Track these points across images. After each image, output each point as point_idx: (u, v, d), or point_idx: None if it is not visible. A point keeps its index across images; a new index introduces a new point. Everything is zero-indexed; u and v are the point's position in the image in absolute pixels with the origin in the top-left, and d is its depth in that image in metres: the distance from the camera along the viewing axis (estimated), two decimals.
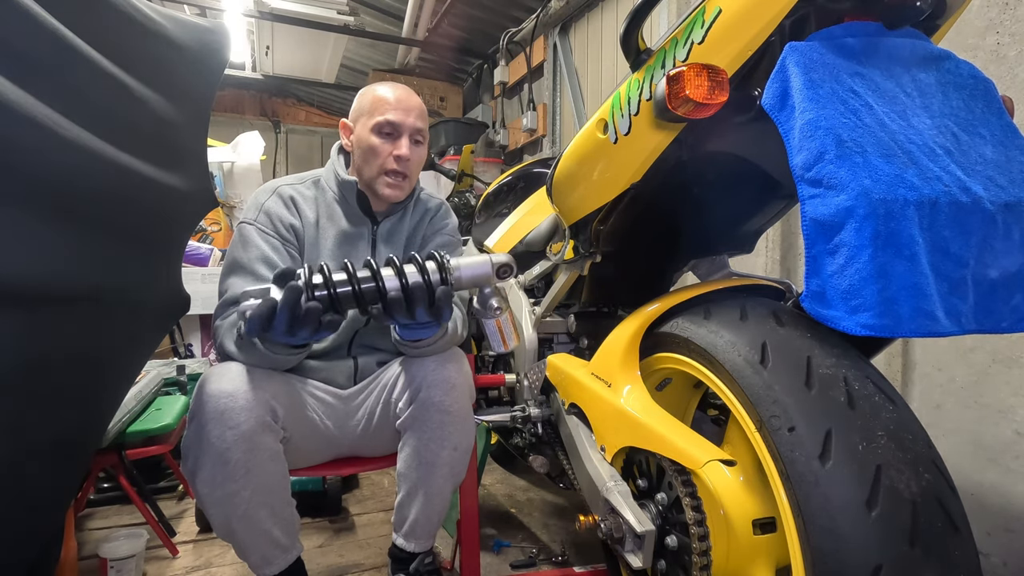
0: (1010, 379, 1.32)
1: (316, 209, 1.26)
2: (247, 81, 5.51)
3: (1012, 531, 1.31)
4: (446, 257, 0.92)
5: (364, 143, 1.23)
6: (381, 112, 1.22)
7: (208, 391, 0.99)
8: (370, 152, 1.22)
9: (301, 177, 1.31)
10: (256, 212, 1.20)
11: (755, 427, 0.75)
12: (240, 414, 0.98)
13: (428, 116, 1.30)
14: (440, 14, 3.93)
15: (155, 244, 0.93)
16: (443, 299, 0.90)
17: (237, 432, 0.97)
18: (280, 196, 1.23)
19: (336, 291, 0.86)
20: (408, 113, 1.23)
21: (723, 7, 0.78)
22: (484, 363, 1.78)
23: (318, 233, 1.24)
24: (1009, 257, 0.71)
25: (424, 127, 1.26)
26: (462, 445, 1.15)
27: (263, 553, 1.07)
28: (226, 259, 1.18)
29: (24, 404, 0.70)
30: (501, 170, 3.14)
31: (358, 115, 1.26)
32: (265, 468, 1.02)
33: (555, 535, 1.72)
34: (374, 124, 1.21)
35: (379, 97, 1.23)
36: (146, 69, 0.83)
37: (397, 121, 1.21)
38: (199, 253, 2.84)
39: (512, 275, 0.95)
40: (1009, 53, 1.34)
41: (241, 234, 1.18)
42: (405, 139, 1.22)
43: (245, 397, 0.99)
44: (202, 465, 0.98)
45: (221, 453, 0.97)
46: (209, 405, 0.98)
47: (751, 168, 0.99)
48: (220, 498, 1.00)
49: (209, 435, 0.97)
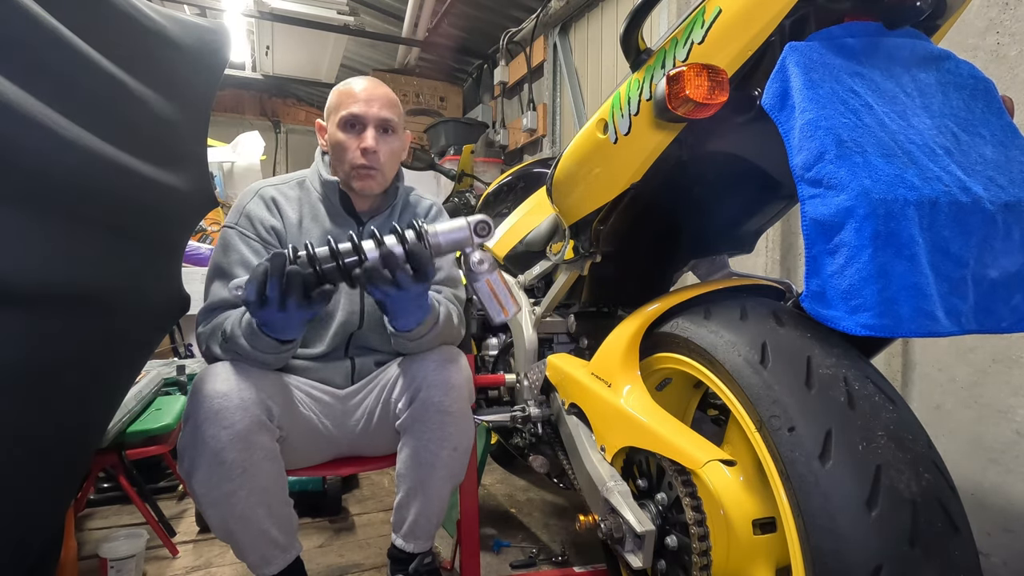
0: (1010, 379, 1.32)
1: (299, 209, 1.26)
2: (247, 81, 5.50)
3: (1012, 531, 1.31)
4: (423, 225, 0.94)
5: (333, 140, 1.23)
6: (345, 106, 1.21)
7: (202, 391, 1.00)
8: (339, 148, 1.22)
9: (286, 178, 1.30)
10: (237, 216, 1.20)
11: (755, 427, 0.75)
12: (235, 413, 0.98)
13: (399, 105, 1.27)
14: (440, 14, 3.93)
15: (155, 244, 0.93)
16: (422, 259, 0.93)
17: (232, 432, 0.97)
18: (261, 198, 1.23)
19: (317, 258, 0.91)
20: (371, 104, 1.20)
21: (723, 7, 0.78)
22: (484, 363, 1.78)
23: (301, 233, 1.24)
24: (1009, 257, 0.71)
25: (392, 117, 1.23)
26: (461, 446, 1.15)
27: (262, 553, 1.07)
28: (209, 264, 1.18)
29: (24, 404, 0.70)
30: (501, 170, 3.14)
31: (327, 113, 1.26)
32: (261, 468, 1.02)
33: (555, 535, 1.72)
34: (339, 119, 1.21)
35: (343, 92, 1.23)
36: (146, 69, 0.83)
37: (360, 112, 1.20)
38: (199, 253, 2.84)
39: (490, 232, 0.95)
40: (1009, 53, 1.34)
41: (223, 238, 1.18)
42: (370, 131, 1.20)
43: (239, 396, 0.99)
44: (198, 465, 0.98)
45: (217, 453, 0.97)
46: (204, 405, 0.98)
47: (751, 168, 0.99)
48: (217, 498, 1.00)
49: (204, 435, 0.97)
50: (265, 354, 1.05)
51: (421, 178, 3.10)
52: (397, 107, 1.25)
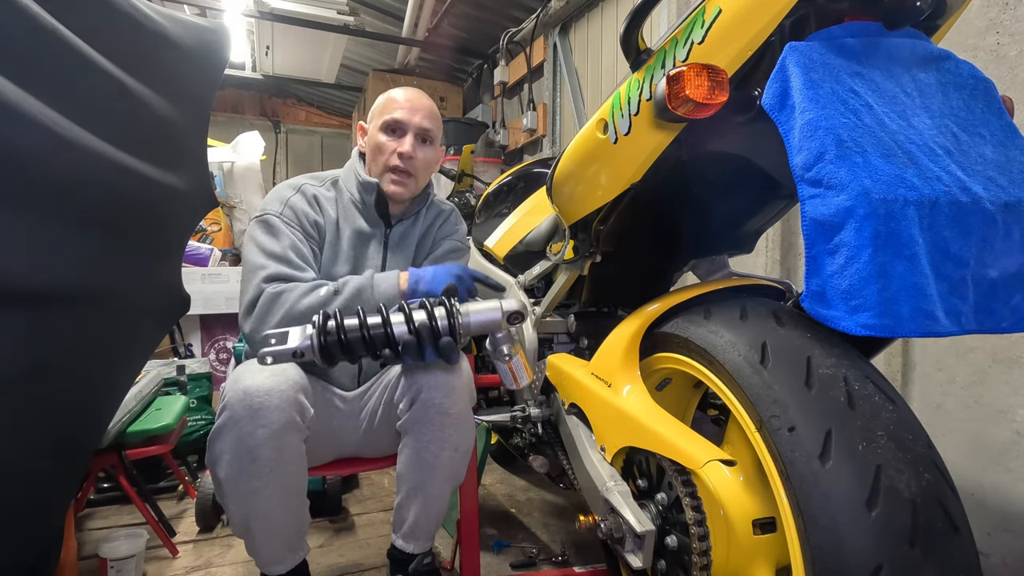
0: (1010, 379, 1.32)
1: (336, 209, 1.28)
2: (247, 81, 5.51)
3: (1012, 531, 1.31)
4: (455, 305, 0.96)
5: (372, 141, 1.27)
6: (389, 111, 1.26)
7: (243, 385, 0.99)
8: (376, 149, 1.26)
9: (319, 177, 1.32)
10: (281, 206, 1.21)
11: (755, 427, 0.75)
12: (273, 413, 0.98)
13: (440, 119, 1.32)
14: (440, 14, 3.93)
15: (155, 244, 0.93)
16: (449, 347, 0.96)
17: (269, 431, 0.98)
18: (304, 194, 1.25)
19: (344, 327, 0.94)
20: (415, 112, 1.26)
21: (723, 7, 0.78)
22: (484, 363, 1.78)
23: (338, 232, 1.26)
24: (1009, 257, 0.71)
25: (433, 128, 1.28)
26: (462, 447, 1.15)
27: (274, 552, 1.07)
28: (251, 247, 1.17)
29: (24, 404, 0.70)
30: (501, 170, 3.14)
31: (372, 117, 1.30)
32: (289, 468, 1.02)
33: (555, 535, 1.72)
34: (382, 122, 1.26)
35: (390, 98, 1.28)
36: (146, 69, 0.83)
37: (403, 119, 1.25)
38: (199, 253, 2.84)
39: (523, 321, 0.98)
40: (1009, 53, 1.34)
41: (268, 224, 1.19)
42: (410, 136, 1.25)
43: (280, 396, 0.99)
44: (230, 459, 0.98)
45: (251, 449, 0.97)
46: (244, 400, 0.98)
47: (751, 168, 0.99)
48: (243, 493, 1.00)
49: (241, 429, 0.97)
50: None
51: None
52: (438, 120, 1.31)
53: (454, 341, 0.96)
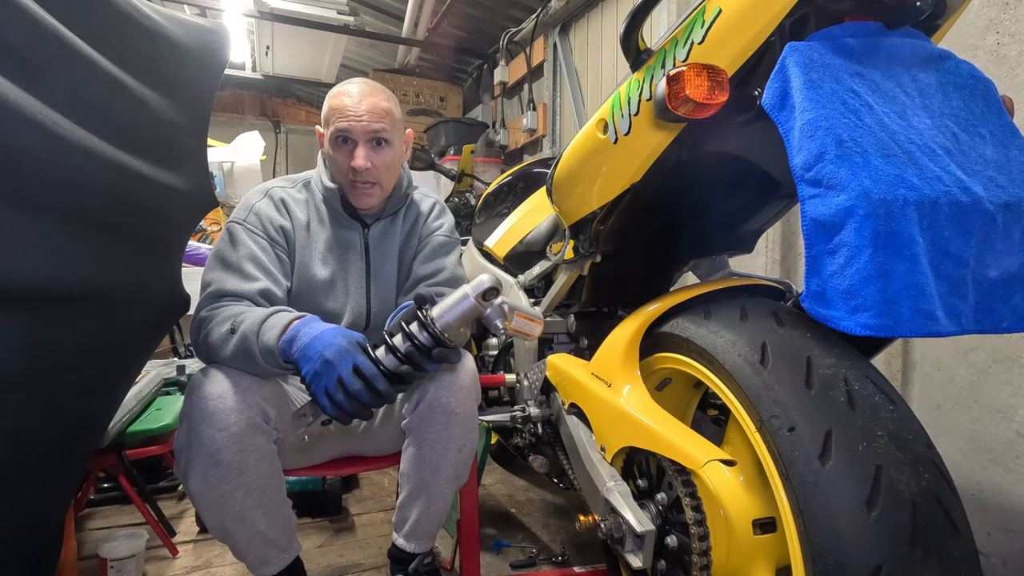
0: (1010, 379, 1.32)
1: (307, 211, 1.25)
2: (247, 81, 5.50)
3: (1012, 531, 1.31)
4: (428, 314, 0.95)
5: (327, 154, 1.22)
6: (334, 121, 1.17)
7: (199, 393, 0.99)
8: (333, 163, 1.21)
9: (292, 179, 1.29)
10: (246, 212, 1.19)
11: (755, 427, 0.75)
12: (230, 415, 0.98)
13: (392, 110, 1.20)
14: (440, 14, 3.93)
15: (155, 244, 0.93)
16: (443, 355, 0.96)
17: (227, 433, 0.97)
18: (271, 198, 1.22)
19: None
20: (360, 118, 1.15)
21: (723, 7, 0.78)
22: (484, 363, 1.78)
23: (309, 235, 1.24)
24: (1009, 257, 0.71)
25: (384, 126, 1.17)
26: (467, 447, 1.15)
27: (259, 553, 1.07)
28: (212, 255, 1.16)
29: (24, 404, 0.70)
30: (501, 170, 3.14)
31: (322, 124, 1.23)
32: (258, 469, 1.01)
33: (555, 535, 1.72)
34: (330, 134, 1.18)
35: (332, 105, 1.18)
36: (146, 69, 0.83)
37: (348, 128, 1.15)
38: (199, 253, 2.84)
39: (497, 294, 0.95)
40: (1009, 53, 1.34)
41: (230, 232, 1.17)
42: (361, 148, 1.16)
43: (234, 399, 0.99)
44: (194, 466, 0.98)
45: (212, 454, 0.97)
46: (200, 406, 0.98)
47: (751, 168, 0.99)
48: (213, 499, 1.00)
49: (201, 436, 0.97)
50: (268, 367, 1.02)
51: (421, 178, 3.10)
52: (389, 114, 1.19)
53: (445, 347, 0.95)
